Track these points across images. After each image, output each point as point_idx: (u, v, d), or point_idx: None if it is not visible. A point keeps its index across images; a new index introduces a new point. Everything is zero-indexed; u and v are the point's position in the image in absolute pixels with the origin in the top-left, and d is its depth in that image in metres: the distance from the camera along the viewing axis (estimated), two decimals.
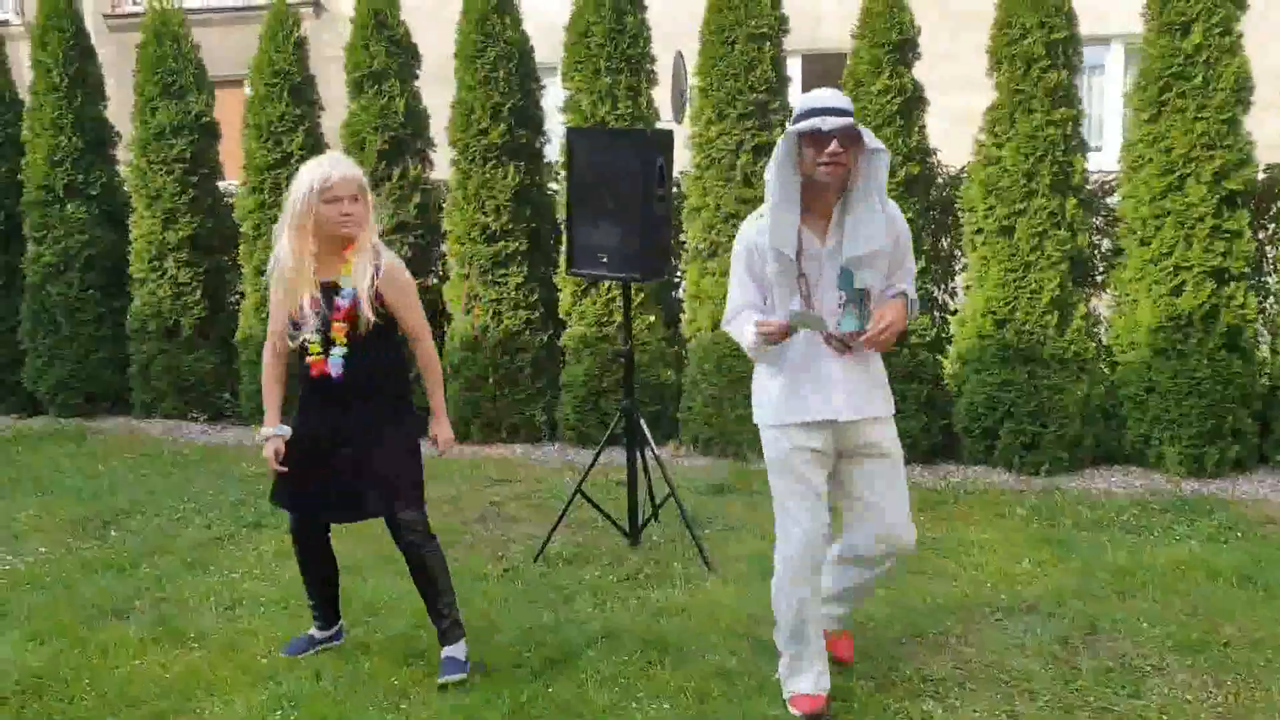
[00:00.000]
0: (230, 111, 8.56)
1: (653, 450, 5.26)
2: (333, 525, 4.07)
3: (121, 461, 7.00)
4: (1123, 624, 4.17)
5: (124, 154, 8.53)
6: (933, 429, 6.66)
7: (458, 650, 3.91)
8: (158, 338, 8.09)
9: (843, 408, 3.46)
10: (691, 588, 4.70)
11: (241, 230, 7.91)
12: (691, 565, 4.96)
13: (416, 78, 7.66)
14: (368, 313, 3.69)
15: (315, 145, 7.84)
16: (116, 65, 8.59)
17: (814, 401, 3.46)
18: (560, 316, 7.36)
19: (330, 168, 3.66)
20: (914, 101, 6.59)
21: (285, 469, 3.75)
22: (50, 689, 3.71)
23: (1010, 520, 5.52)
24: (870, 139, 3.31)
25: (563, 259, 7.24)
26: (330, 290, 3.71)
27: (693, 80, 7.02)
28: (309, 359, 3.77)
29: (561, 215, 7.33)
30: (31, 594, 4.65)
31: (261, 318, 7.78)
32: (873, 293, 3.45)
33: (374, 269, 3.72)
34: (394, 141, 7.49)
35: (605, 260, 4.87)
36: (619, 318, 7.04)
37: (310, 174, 3.66)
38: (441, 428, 4.04)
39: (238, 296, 8.30)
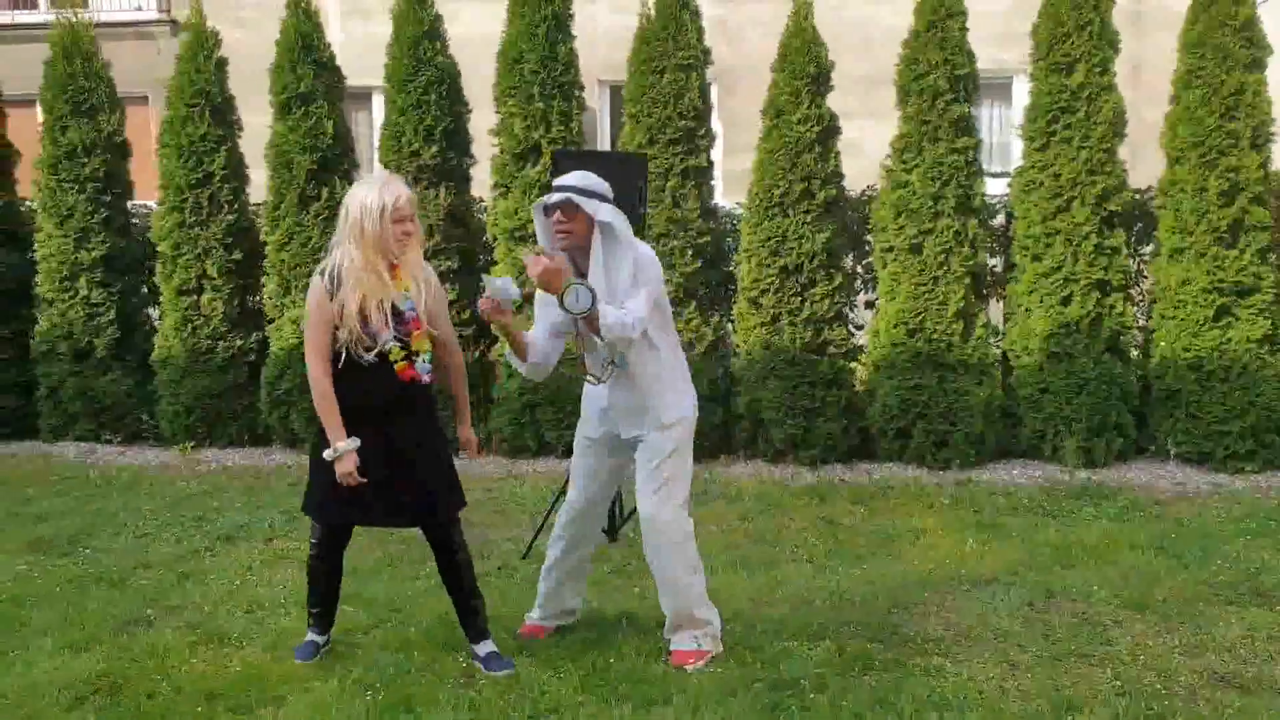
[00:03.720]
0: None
1: None
2: None
3: (48, 486, 6.88)
4: (1074, 589, 4.76)
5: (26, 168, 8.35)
6: (850, 431, 7.22)
7: (493, 645, 4.13)
8: (69, 359, 7.94)
9: (621, 428, 4.19)
10: None
11: (159, 250, 7.85)
12: None
13: (342, 99, 7.80)
14: (443, 323, 3.97)
15: (237, 165, 7.89)
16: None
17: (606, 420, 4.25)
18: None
19: (399, 189, 3.84)
20: (830, 130, 7.16)
21: (365, 480, 3.83)
22: (122, 688, 3.78)
23: (938, 509, 6.11)
24: (598, 210, 3.93)
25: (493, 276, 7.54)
26: (393, 305, 3.86)
27: (623, 108, 7.42)
28: (397, 365, 3.86)
29: (491, 234, 7.63)
30: (38, 609, 4.64)
31: (182, 338, 7.76)
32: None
33: (426, 282, 3.95)
34: (322, 162, 7.60)
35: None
36: None
37: (380, 196, 3.80)
38: (470, 432, 4.29)
39: (153, 317, 8.22)
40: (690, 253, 7.17)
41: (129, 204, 8.23)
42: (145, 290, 8.27)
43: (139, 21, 14.43)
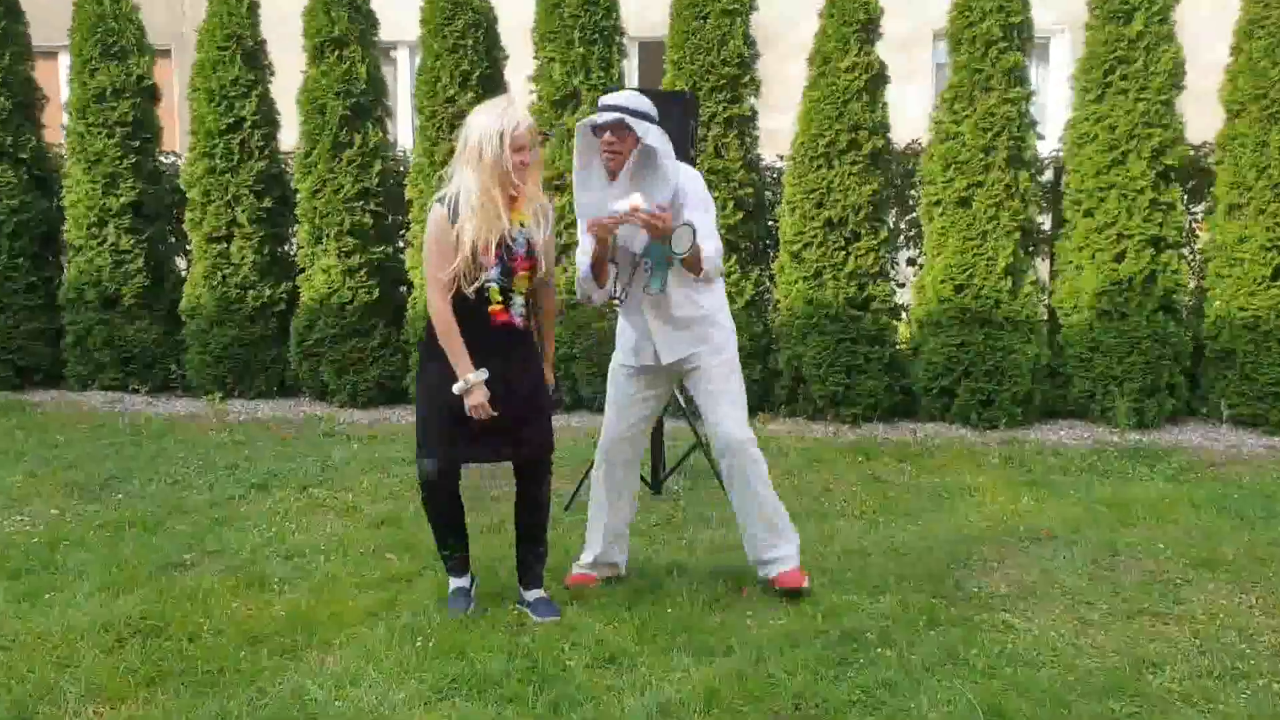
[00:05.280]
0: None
1: (681, 401, 5.45)
2: None
3: (78, 433, 6.77)
4: (1138, 548, 4.60)
5: (49, 118, 8.21)
6: (893, 389, 7.05)
7: (543, 592, 4.02)
8: (96, 307, 7.82)
9: (661, 353, 4.09)
10: (730, 530, 4.89)
11: (189, 196, 7.71)
12: (720, 510, 5.17)
13: (376, 44, 7.62)
14: (546, 262, 3.78)
15: (268, 110, 7.74)
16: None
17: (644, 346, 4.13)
18: None
19: (519, 114, 3.65)
20: (879, 79, 6.95)
21: (495, 413, 3.67)
22: (163, 630, 3.67)
23: (987, 468, 5.95)
24: (648, 133, 3.82)
25: None
26: (505, 239, 3.67)
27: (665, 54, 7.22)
28: (492, 308, 3.69)
29: None
30: (73, 552, 4.53)
31: (211, 287, 7.63)
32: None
33: (546, 218, 3.79)
34: (356, 108, 7.43)
35: None
36: None
37: (499, 121, 3.61)
38: (552, 374, 4.08)
39: (182, 266, 8.09)
40: (732, 204, 6.99)
41: (159, 151, 8.08)
42: (174, 239, 8.13)
43: None
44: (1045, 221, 7.30)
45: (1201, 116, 6.88)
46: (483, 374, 3.66)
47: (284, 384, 7.85)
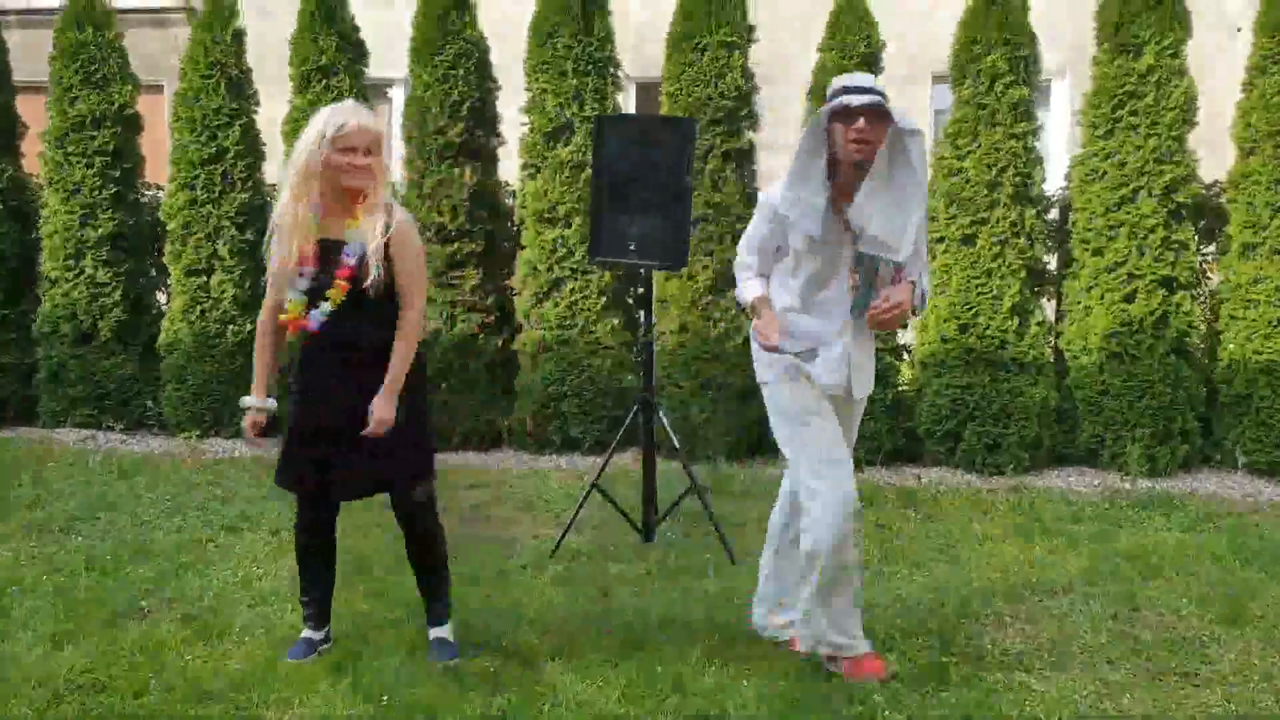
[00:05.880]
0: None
1: (675, 442, 5.18)
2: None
3: (46, 471, 6.48)
4: (1159, 601, 4.33)
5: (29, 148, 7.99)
6: (896, 432, 6.79)
7: (447, 631, 3.81)
8: (71, 341, 7.55)
9: (855, 385, 3.63)
10: (725, 578, 4.64)
11: (169, 228, 7.47)
12: (715, 557, 4.90)
13: (364, 74, 7.42)
14: (375, 272, 3.49)
15: (252, 141, 7.52)
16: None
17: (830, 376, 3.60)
18: (517, 320, 7.21)
19: (348, 114, 3.47)
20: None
21: (262, 445, 3.54)
22: (109, 686, 3.38)
23: (996, 515, 5.67)
24: (902, 118, 3.31)
25: (520, 261, 7.16)
26: (334, 246, 3.52)
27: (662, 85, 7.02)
28: (281, 316, 3.59)
29: (519, 217, 7.24)
30: (23, 597, 4.23)
31: (190, 321, 7.38)
32: (885, 279, 3.50)
33: (385, 225, 3.54)
34: None
35: (634, 248, 4.80)
36: (582, 320, 6.95)
37: (324, 119, 3.47)
38: (384, 406, 3.55)
39: (162, 298, 7.84)
40: (729, 238, 6.76)
41: (140, 182, 7.84)
42: (154, 271, 7.88)
43: (156, 9, 14.11)
44: (1051, 261, 7.06)
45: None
46: (267, 403, 3.60)
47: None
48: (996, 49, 6.51)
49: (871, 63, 6.72)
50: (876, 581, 4.60)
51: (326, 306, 3.53)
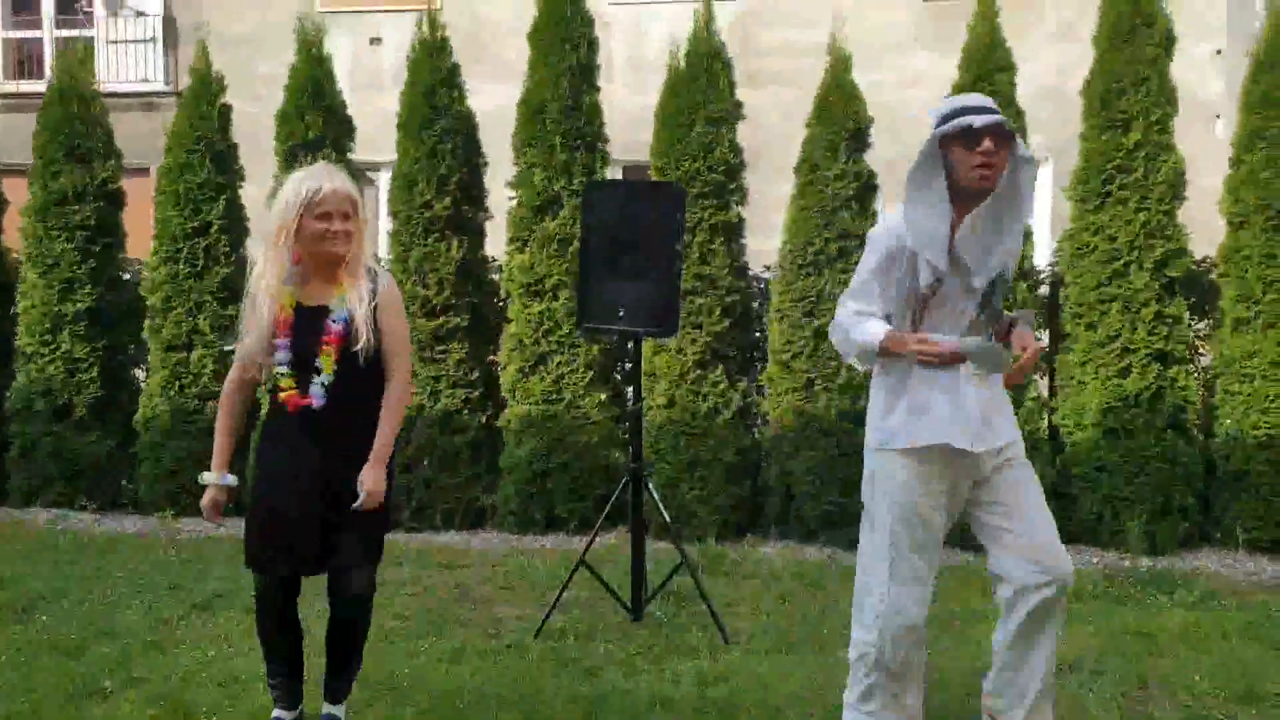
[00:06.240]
0: None
1: (666, 516, 5.02)
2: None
3: (13, 550, 6.26)
4: (1171, 679, 4.17)
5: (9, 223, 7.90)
6: None
7: (341, 710, 3.64)
8: (46, 418, 7.38)
9: (977, 438, 3.21)
10: (718, 659, 4.45)
11: (149, 304, 7.36)
12: (706, 637, 4.71)
13: (351, 150, 7.38)
14: (367, 338, 3.40)
15: (237, 215, 7.45)
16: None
17: (947, 427, 3.19)
18: (502, 395, 7.08)
19: (322, 179, 3.38)
20: (868, 187, 6.73)
21: (220, 523, 3.36)
22: None
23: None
24: (1021, 147, 3.11)
25: (505, 335, 7.05)
26: (319, 313, 3.42)
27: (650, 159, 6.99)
28: (282, 395, 3.43)
29: (505, 290, 7.15)
30: None
31: (169, 397, 7.23)
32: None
33: (371, 291, 3.45)
34: None
35: (623, 314, 4.70)
36: (569, 394, 6.83)
37: (298, 185, 3.37)
38: (375, 478, 3.45)
39: (139, 375, 7.69)
40: (719, 312, 6.68)
41: (121, 257, 7.74)
42: (133, 348, 7.74)
43: (145, 93, 14.21)
44: (1044, 337, 6.99)
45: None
46: (227, 479, 3.48)
47: (242, 502, 7.35)
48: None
49: (859, 137, 6.71)
50: None
51: (325, 378, 3.41)
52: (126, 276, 7.74)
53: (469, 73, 7.21)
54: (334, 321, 3.40)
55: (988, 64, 6.56)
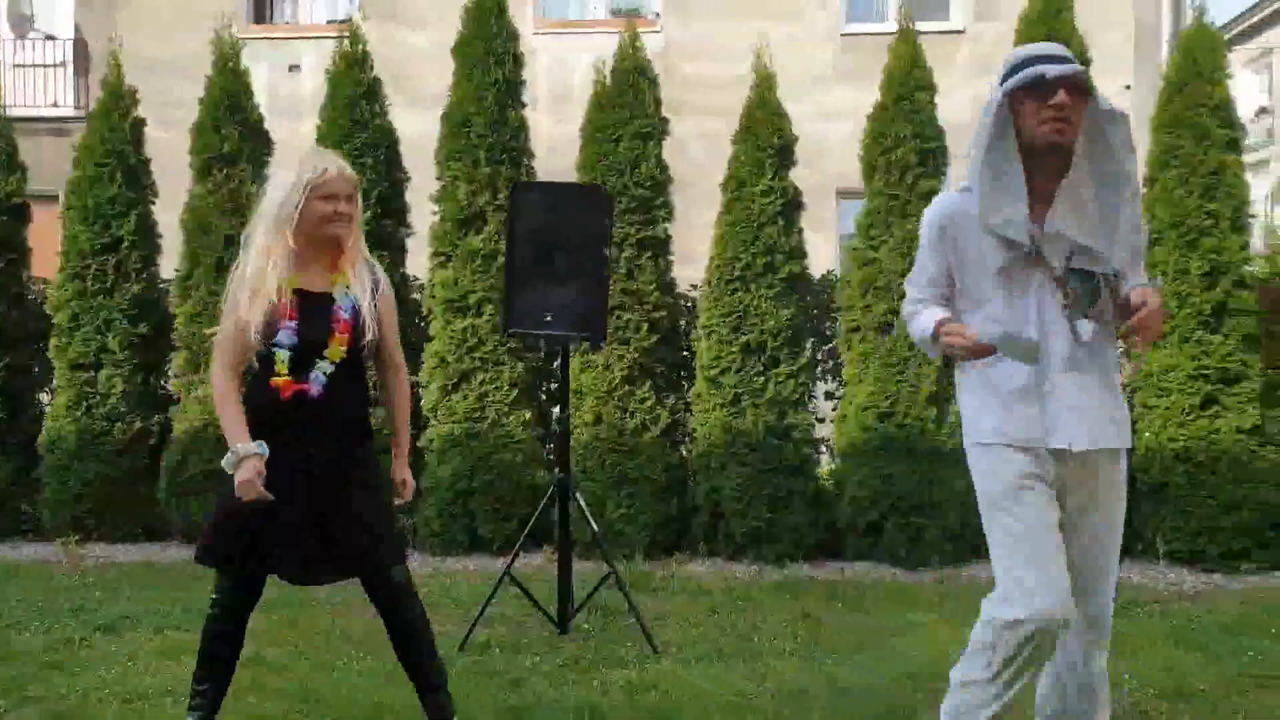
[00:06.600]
0: None
1: (594, 526, 4.91)
2: None
3: None
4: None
5: None
6: (818, 524, 6.60)
7: None
8: None
9: (1078, 435, 2.81)
10: (648, 668, 4.35)
11: (54, 321, 7.09)
12: (635, 648, 4.61)
13: (269, 164, 7.21)
14: (371, 332, 3.31)
15: (148, 231, 7.23)
16: None
17: (1042, 423, 2.82)
18: (424, 414, 6.92)
19: (328, 160, 3.29)
20: (794, 204, 6.75)
21: (270, 496, 3.15)
22: None
23: (925, 606, 5.48)
24: (1104, 100, 2.73)
25: (427, 353, 6.90)
26: (322, 300, 3.29)
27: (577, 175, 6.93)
28: (276, 380, 3.25)
29: (427, 308, 7.02)
30: None
31: (75, 418, 6.95)
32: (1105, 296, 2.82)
33: (375, 284, 3.36)
34: (243, 228, 6.94)
35: (550, 319, 4.61)
36: (493, 413, 6.70)
37: (302, 167, 3.27)
38: (406, 471, 3.58)
39: (44, 398, 7.39)
40: (646, 327, 6.62)
41: (25, 274, 7.45)
42: (36, 369, 7.44)
43: (55, 117, 13.86)
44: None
45: None
46: (260, 447, 3.16)
47: (151, 526, 7.10)
48: (906, 143, 6.58)
49: (785, 153, 6.73)
50: (809, 668, 4.35)
51: (326, 366, 3.27)
52: (30, 295, 7.45)
53: (391, 101, 7.11)
54: (342, 310, 3.29)
55: (909, 83, 6.64)
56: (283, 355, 3.25)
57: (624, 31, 6.93)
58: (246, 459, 3.13)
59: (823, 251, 7.51)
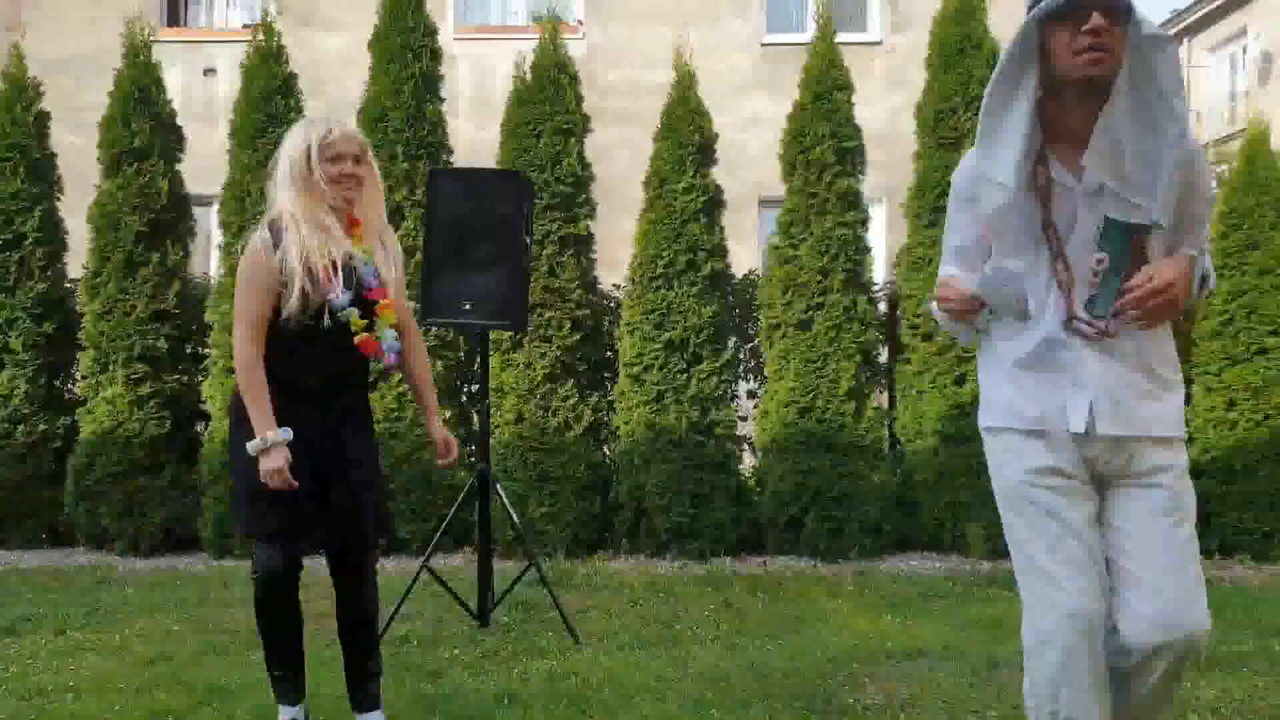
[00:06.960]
0: None
1: (515, 517, 4.85)
2: None
3: None
4: (1020, 660, 4.18)
5: None
6: (740, 520, 6.62)
7: (382, 715, 3.39)
8: None
9: (1098, 416, 2.44)
10: (569, 658, 4.30)
11: None
12: (556, 639, 4.56)
13: (180, 160, 7.05)
14: (400, 297, 3.31)
15: (54, 229, 7.02)
16: None
17: (1053, 406, 2.47)
18: None
19: (327, 123, 3.18)
20: (715, 202, 6.78)
21: (296, 484, 3.03)
22: None
23: (844, 595, 5.51)
24: (1148, 24, 2.33)
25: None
26: (346, 266, 3.16)
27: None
28: (357, 335, 3.14)
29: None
30: None
31: None
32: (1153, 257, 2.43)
33: (396, 257, 3.33)
34: (153, 224, 6.79)
35: (469, 308, 4.56)
36: (411, 412, 6.60)
37: (305, 131, 3.17)
38: (444, 429, 3.52)
39: None
40: (569, 325, 6.59)
41: None
42: None
43: None
44: (883, 354, 7.11)
45: None
46: (285, 434, 3.04)
47: (57, 531, 6.87)
48: (825, 141, 6.64)
49: (706, 151, 6.76)
50: (730, 653, 4.34)
51: (391, 334, 3.24)
52: None
53: (307, 109, 6.99)
54: (372, 278, 3.19)
55: (826, 82, 6.71)
56: (356, 315, 3.15)
57: (545, 30, 6.90)
58: (275, 447, 3.02)
59: (745, 260, 7.54)
